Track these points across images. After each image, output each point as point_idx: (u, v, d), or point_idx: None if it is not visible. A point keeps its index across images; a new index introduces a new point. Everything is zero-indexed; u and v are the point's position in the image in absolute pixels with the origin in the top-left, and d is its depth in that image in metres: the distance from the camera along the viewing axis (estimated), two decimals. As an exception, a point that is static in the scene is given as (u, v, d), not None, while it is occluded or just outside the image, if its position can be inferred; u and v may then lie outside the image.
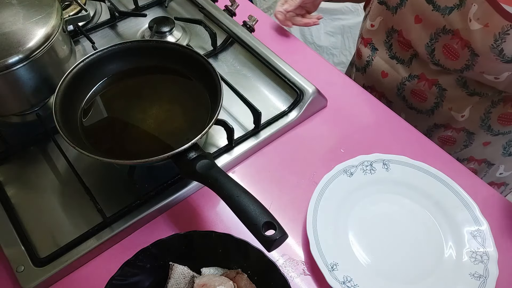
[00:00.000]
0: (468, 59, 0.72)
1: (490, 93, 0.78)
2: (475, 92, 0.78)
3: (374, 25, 0.89)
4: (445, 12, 0.71)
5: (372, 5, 0.90)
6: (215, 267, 0.56)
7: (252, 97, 0.72)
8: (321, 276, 0.57)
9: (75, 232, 0.60)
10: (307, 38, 2.03)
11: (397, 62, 0.87)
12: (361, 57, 0.95)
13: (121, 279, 0.53)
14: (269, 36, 0.89)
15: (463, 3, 0.68)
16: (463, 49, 0.72)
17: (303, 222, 0.64)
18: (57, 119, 0.59)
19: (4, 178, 0.67)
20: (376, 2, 0.87)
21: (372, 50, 0.92)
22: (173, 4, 0.96)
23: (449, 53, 0.75)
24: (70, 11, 0.86)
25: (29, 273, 0.56)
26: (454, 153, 0.91)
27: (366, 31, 0.93)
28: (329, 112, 0.79)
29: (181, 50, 0.70)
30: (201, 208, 0.66)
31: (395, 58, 0.88)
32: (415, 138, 0.76)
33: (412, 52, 0.83)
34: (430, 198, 0.66)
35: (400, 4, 0.79)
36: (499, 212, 0.66)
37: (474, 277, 0.58)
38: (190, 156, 0.57)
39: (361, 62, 0.96)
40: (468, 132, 0.86)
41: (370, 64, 0.93)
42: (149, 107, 0.69)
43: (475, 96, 0.79)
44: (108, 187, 0.66)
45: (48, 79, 0.67)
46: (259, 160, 0.72)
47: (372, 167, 0.68)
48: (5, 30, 0.62)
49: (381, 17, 0.87)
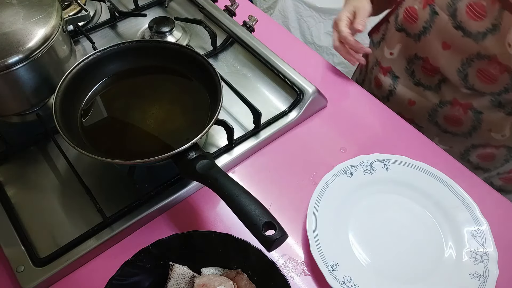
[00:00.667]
0: (508, 82, 0.70)
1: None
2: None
3: (393, 53, 0.86)
4: (478, 38, 0.69)
5: (389, 32, 0.86)
6: (215, 267, 0.56)
7: (252, 97, 0.72)
8: (321, 276, 0.57)
9: (75, 232, 0.60)
10: (307, 38, 2.03)
11: (424, 89, 0.84)
12: (382, 86, 0.91)
13: (121, 279, 0.53)
14: (269, 36, 0.89)
15: (497, 27, 0.67)
16: (502, 73, 0.70)
17: (303, 222, 0.64)
18: (57, 119, 0.59)
19: (4, 178, 0.67)
20: (393, 30, 0.84)
21: (393, 78, 0.89)
22: (173, 4, 0.96)
23: (485, 78, 0.72)
24: (70, 11, 0.86)
25: (29, 273, 0.56)
26: (495, 168, 0.89)
27: (384, 60, 0.89)
28: (329, 112, 0.79)
29: (181, 50, 0.70)
30: (201, 208, 0.66)
31: (420, 84, 0.84)
32: (415, 138, 0.76)
33: (440, 77, 0.80)
34: (430, 198, 0.66)
35: (424, 32, 0.77)
36: (499, 212, 0.66)
37: (474, 277, 0.58)
38: (190, 156, 0.57)
39: (383, 91, 0.92)
40: (509, 147, 0.83)
41: (394, 93, 0.90)
42: (149, 107, 0.69)
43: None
44: (108, 187, 0.66)
45: (48, 79, 0.67)
46: (259, 160, 0.72)
47: (372, 167, 0.68)
48: (5, 30, 0.62)
49: (400, 44, 0.84)
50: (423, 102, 0.86)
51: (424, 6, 0.75)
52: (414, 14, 0.77)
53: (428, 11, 0.75)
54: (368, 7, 0.80)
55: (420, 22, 0.77)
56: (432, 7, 0.74)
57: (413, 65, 0.84)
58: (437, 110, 0.84)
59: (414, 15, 0.78)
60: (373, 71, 0.95)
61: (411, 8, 0.78)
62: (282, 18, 2.07)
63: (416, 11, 0.77)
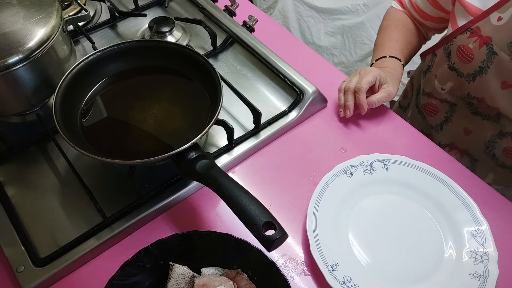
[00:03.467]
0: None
1: None
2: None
3: (444, 89, 0.82)
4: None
5: (440, 68, 0.82)
6: (215, 267, 0.56)
7: (252, 97, 0.72)
8: (321, 276, 0.57)
9: (75, 232, 0.60)
10: (307, 38, 2.03)
11: (483, 119, 0.79)
12: (437, 113, 0.87)
13: (121, 279, 0.53)
14: (269, 36, 0.89)
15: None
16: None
17: (303, 222, 0.64)
18: (57, 119, 0.59)
19: (4, 178, 0.67)
20: (446, 67, 0.79)
21: (450, 106, 0.84)
22: (173, 4, 0.96)
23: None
24: (70, 11, 0.86)
25: (29, 273, 0.56)
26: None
27: (436, 92, 0.85)
28: (329, 112, 0.79)
29: (181, 50, 0.70)
30: (201, 208, 0.66)
31: (478, 114, 0.80)
32: (415, 138, 0.76)
33: (498, 111, 0.76)
34: (430, 198, 0.66)
35: (480, 72, 0.73)
36: (499, 212, 0.66)
37: (474, 277, 0.58)
38: (190, 156, 0.57)
39: (437, 118, 0.88)
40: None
41: (449, 120, 0.85)
42: (149, 107, 0.69)
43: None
44: (108, 187, 0.66)
45: (48, 79, 0.67)
46: (259, 160, 0.72)
47: (372, 167, 0.68)
48: (5, 30, 0.62)
49: (451, 82, 0.80)
50: (481, 132, 0.81)
51: (481, 46, 0.71)
52: (469, 53, 0.73)
53: (485, 50, 0.70)
54: (394, 91, 0.76)
55: (475, 62, 0.73)
56: (489, 46, 0.70)
57: (468, 99, 0.80)
58: (495, 141, 0.80)
59: (469, 55, 0.73)
60: (419, 98, 0.91)
61: (464, 47, 0.73)
62: (282, 18, 2.07)
63: (471, 50, 0.73)
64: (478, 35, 0.71)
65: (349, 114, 0.74)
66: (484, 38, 0.70)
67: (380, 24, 0.92)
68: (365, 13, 1.86)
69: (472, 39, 0.72)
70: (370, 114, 0.79)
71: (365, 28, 1.86)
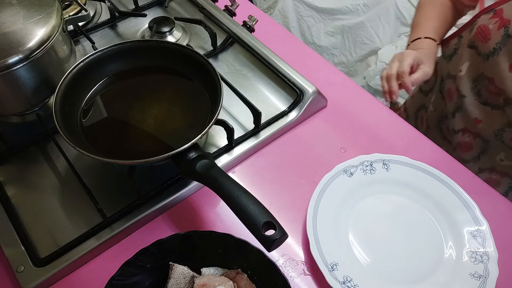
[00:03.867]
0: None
1: None
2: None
3: (461, 70, 0.84)
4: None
5: (461, 47, 0.84)
6: (215, 267, 0.56)
7: (252, 97, 0.72)
8: (321, 276, 0.57)
9: (75, 232, 0.60)
10: (307, 38, 2.03)
11: (492, 109, 0.82)
12: (452, 99, 0.89)
13: (121, 279, 0.53)
14: (269, 36, 0.89)
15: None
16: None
17: (303, 222, 0.64)
18: (57, 119, 0.59)
19: (4, 178, 0.67)
20: (465, 46, 0.81)
21: (459, 97, 0.87)
22: (173, 4, 0.96)
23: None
24: (70, 11, 0.86)
25: (29, 273, 0.56)
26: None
27: (451, 79, 0.87)
28: (329, 112, 0.79)
29: (181, 50, 0.70)
30: (201, 208, 0.66)
31: (487, 104, 0.82)
32: (415, 138, 0.76)
33: (505, 97, 0.78)
34: (430, 198, 0.66)
35: (493, 53, 0.75)
36: (499, 212, 0.66)
37: (474, 277, 0.58)
38: (190, 156, 0.57)
39: (452, 105, 0.90)
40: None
41: (461, 109, 0.88)
42: (149, 107, 0.69)
43: None
44: (108, 187, 0.66)
45: (48, 79, 0.67)
46: (259, 160, 0.72)
47: (372, 167, 0.68)
48: (5, 30, 0.62)
49: (469, 62, 0.82)
50: (490, 122, 0.83)
51: (499, 28, 0.74)
52: (487, 33, 0.76)
53: (502, 32, 0.73)
54: (430, 70, 0.80)
55: (491, 43, 0.75)
56: (506, 29, 0.72)
57: (478, 84, 0.82)
58: (504, 130, 0.82)
59: (487, 35, 0.76)
60: (444, 83, 0.93)
61: (484, 27, 0.76)
62: (282, 18, 2.08)
63: (489, 30, 0.75)
64: (499, 17, 0.73)
65: (395, 98, 0.78)
66: (504, 21, 0.72)
67: (379, 23, 0.92)
68: (365, 13, 1.86)
69: (493, 20, 0.74)
70: (370, 114, 0.79)
71: (365, 28, 1.86)
